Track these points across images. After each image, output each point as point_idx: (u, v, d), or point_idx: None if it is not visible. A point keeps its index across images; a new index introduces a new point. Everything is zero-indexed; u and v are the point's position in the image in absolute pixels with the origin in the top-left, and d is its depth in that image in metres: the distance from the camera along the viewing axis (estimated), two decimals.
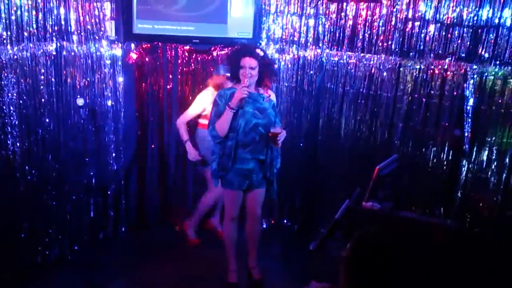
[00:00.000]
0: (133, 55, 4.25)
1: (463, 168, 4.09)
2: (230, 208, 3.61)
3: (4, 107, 3.42)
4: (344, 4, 4.25)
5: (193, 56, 4.43)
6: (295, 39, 4.45)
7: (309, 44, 4.44)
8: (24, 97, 3.55)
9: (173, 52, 4.38)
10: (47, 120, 3.75)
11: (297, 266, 3.99)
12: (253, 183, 3.52)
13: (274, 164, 3.57)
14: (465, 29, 3.91)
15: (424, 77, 4.10)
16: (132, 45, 4.25)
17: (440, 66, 4.03)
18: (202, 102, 4.12)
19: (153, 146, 4.58)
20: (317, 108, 4.58)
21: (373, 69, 4.28)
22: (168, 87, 4.45)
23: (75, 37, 3.82)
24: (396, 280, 1.72)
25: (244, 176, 3.46)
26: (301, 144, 4.65)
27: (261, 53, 3.48)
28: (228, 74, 3.67)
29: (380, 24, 4.15)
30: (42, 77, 3.66)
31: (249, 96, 3.35)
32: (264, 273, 3.84)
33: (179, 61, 4.42)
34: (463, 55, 3.94)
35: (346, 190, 3.95)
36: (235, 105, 3.32)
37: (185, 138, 4.18)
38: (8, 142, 3.49)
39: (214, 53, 4.41)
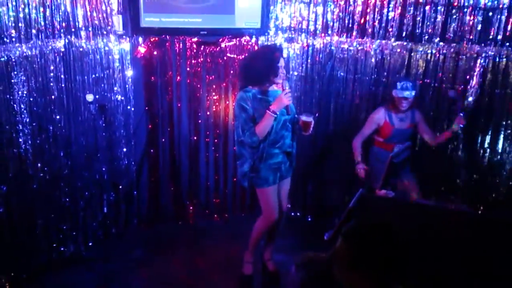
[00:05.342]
0: (141, 49, 4.22)
1: (478, 153, 4.06)
2: (271, 208, 3.52)
3: (15, 105, 3.42)
4: None
5: (201, 48, 4.39)
6: (304, 27, 4.39)
7: (318, 32, 4.39)
8: (35, 95, 3.55)
9: (181, 45, 4.34)
10: (57, 117, 3.75)
11: None
12: (282, 174, 3.53)
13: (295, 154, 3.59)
14: (476, 11, 3.86)
15: (436, 61, 4.06)
16: (140, 39, 4.22)
17: (452, 50, 3.99)
18: (376, 120, 4.01)
19: (163, 139, 4.56)
20: (327, 96, 4.54)
21: (383, 55, 4.23)
22: (177, 79, 4.43)
23: (83, 33, 3.80)
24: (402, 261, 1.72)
25: (275, 169, 3.45)
26: (312, 133, 4.62)
27: None
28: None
29: (390, 9, 4.09)
30: (52, 74, 3.66)
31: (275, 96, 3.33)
32: (279, 265, 3.83)
33: (188, 54, 4.38)
34: (475, 38, 3.89)
35: (359, 179, 3.95)
36: (278, 110, 3.26)
37: (357, 159, 4.00)
38: (20, 140, 3.50)
39: (222, 44, 4.38)
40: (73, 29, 3.74)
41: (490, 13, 3.82)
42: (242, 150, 3.46)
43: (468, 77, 3.94)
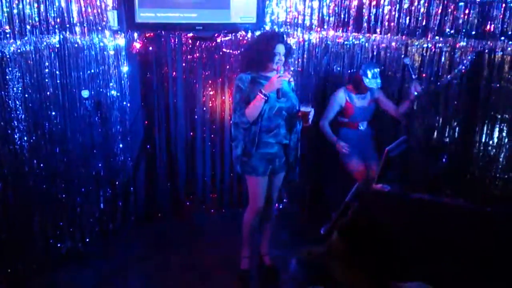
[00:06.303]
0: (137, 45, 4.21)
1: (474, 146, 4.06)
2: (256, 197, 3.53)
3: (10, 102, 3.40)
4: None
5: (197, 43, 4.38)
6: (300, 22, 4.39)
7: (314, 26, 4.38)
8: (30, 91, 3.53)
9: (176, 40, 4.33)
10: (53, 113, 3.73)
11: None
12: (275, 168, 3.51)
13: (298, 148, 3.56)
14: (472, 5, 3.86)
15: (432, 55, 4.06)
16: (135, 35, 4.20)
17: (448, 44, 3.99)
18: (339, 101, 4.09)
19: (160, 135, 4.54)
20: (324, 91, 4.53)
21: (380, 49, 4.23)
22: (173, 75, 4.41)
23: (78, 29, 3.78)
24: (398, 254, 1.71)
25: (268, 160, 3.44)
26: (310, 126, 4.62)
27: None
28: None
29: (386, 3, 4.09)
30: (47, 70, 3.63)
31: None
32: (276, 259, 3.84)
33: (183, 49, 4.37)
34: (472, 32, 3.89)
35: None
36: (269, 92, 3.25)
37: (334, 139, 4.10)
38: (15, 136, 3.47)
39: (218, 40, 4.36)
40: (67, 25, 3.71)
41: (486, 7, 3.83)
42: (236, 132, 3.45)
43: (464, 71, 3.95)
